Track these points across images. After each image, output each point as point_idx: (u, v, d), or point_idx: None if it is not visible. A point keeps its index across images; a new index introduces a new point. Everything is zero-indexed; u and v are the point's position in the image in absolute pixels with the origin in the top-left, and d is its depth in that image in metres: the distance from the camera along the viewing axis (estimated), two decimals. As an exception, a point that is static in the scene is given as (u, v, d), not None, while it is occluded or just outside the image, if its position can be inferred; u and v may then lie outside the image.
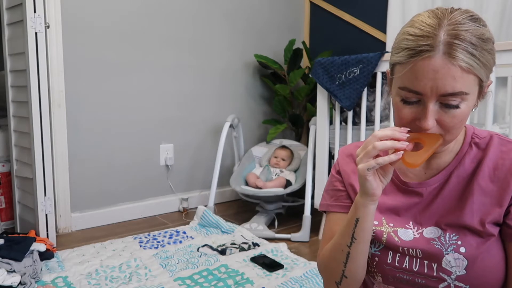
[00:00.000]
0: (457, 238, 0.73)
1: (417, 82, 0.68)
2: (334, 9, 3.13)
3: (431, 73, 0.66)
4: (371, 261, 0.82)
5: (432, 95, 0.67)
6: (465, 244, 0.72)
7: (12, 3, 2.06)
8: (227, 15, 2.95)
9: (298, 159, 2.75)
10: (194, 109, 2.86)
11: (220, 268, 1.82)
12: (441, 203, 0.77)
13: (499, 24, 2.24)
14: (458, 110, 0.68)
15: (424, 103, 0.69)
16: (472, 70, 0.66)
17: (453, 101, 0.67)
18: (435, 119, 0.69)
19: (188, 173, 2.88)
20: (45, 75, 2.02)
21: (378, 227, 0.81)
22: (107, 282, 1.69)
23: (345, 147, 0.94)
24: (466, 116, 0.70)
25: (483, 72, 0.68)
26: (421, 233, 0.77)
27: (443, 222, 0.76)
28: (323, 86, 2.18)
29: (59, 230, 2.35)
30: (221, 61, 2.95)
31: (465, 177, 0.77)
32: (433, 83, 0.66)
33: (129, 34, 2.52)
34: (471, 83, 0.67)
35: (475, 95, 0.70)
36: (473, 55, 0.65)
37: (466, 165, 0.77)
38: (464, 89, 0.66)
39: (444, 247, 0.73)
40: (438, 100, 0.68)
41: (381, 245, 0.81)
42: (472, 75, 0.67)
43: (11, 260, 1.68)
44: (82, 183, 2.43)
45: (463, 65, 0.65)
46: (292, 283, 1.66)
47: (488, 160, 0.75)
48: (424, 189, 0.79)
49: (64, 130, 2.32)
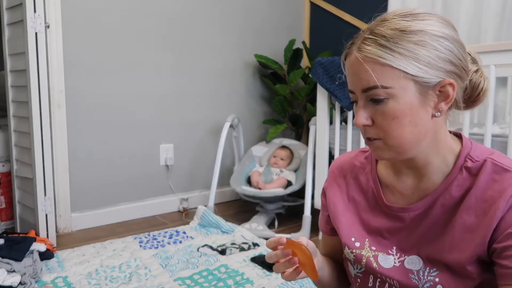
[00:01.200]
0: (437, 274, 0.69)
1: (348, 80, 0.70)
2: (334, 9, 3.13)
3: (350, 69, 0.69)
4: (354, 281, 0.82)
5: (358, 91, 0.68)
6: (443, 282, 0.68)
7: (12, 3, 2.06)
8: (227, 15, 2.95)
9: (298, 158, 2.75)
10: (194, 109, 2.86)
11: (220, 268, 1.82)
12: (424, 232, 0.72)
13: (499, 24, 2.24)
14: (386, 106, 0.65)
15: (357, 101, 0.70)
16: (385, 62, 0.63)
17: (376, 95, 0.65)
18: (370, 117, 0.68)
19: (188, 173, 2.88)
20: (45, 75, 2.02)
21: (358, 250, 0.78)
22: (107, 282, 1.69)
23: (336, 159, 0.91)
24: (401, 115, 0.65)
25: (407, 63, 0.63)
26: (402, 261, 0.73)
27: (425, 253, 0.71)
28: (323, 86, 2.18)
29: (59, 230, 2.35)
30: (221, 61, 2.95)
31: (450, 206, 0.70)
32: (353, 78, 0.68)
33: (129, 34, 2.52)
34: (391, 76, 0.64)
35: (410, 92, 0.64)
36: (384, 46, 0.64)
37: (453, 192, 0.69)
38: (382, 83, 0.64)
39: (420, 282, 0.70)
40: (366, 97, 0.67)
41: (362, 268, 0.79)
42: (389, 67, 0.63)
43: (11, 260, 1.68)
44: (82, 183, 2.43)
45: (371, 56, 0.64)
46: (292, 283, 1.66)
47: (477, 189, 0.67)
48: (406, 215, 0.74)
49: (64, 130, 2.33)
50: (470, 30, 2.34)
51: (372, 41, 0.65)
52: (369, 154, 0.84)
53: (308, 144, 2.47)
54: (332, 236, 0.91)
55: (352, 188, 0.84)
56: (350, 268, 0.83)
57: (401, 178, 0.76)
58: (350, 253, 0.80)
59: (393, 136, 0.66)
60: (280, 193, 2.40)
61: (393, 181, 0.78)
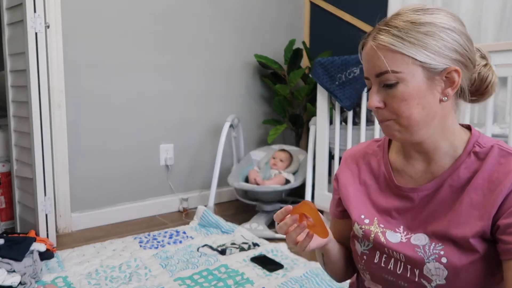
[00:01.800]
0: (442, 248, 0.73)
1: (364, 68, 0.78)
2: (334, 9, 3.13)
3: (366, 57, 0.76)
4: (360, 259, 0.85)
5: (372, 77, 0.75)
6: (448, 255, 0.72)
7: (12, 3, 2.06)
8: (227, 15, 2.95)
9: (297, 162, 2.75)
10: (194, 109, 2.86)
11: (220, 268, 1.82)
12: (431, 210, 0.77)
13: (499, 24, 2.24)
14: (396, 90, 0.72)
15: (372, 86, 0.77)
16: (396, 49, 0.70)
17: (388, 80, 0.72)
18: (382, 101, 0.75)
19: (188, 173, 2.88)
20: (45, 75, 2.02)
21: (368, 226, 0.83)
22: (107, 282, 1.69)
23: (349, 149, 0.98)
24: (410, 97, 0.72)
25: (415, 51, 0.70)
26: (408, 238, 0.77)
27: (431, 230, 0.75)
28: (323, 86, 2.18)
29: (59, 230, 2.35)
30: (221, 61, 2.95)
31: (458, 187, 0.75)
32: (368, 65, 0.75)
33: (129, 34, 2.52)
34: (401, 62, 0.71)
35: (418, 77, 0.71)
36: (396, 35, 0.71)
37: (461, 174, 0.75)
38: (393, 68, 0.71)
39: (426, 255, 0.74)
40: (379, 82, 0.74)
41: (370, 244, 0.83)
42: (399, 54, 0.70)
43: (11, 260, 1.68)
44: (82, 183, 2.43)
45: (384, 44, 0.71)
46: (292, 283, 1.66)
47: (484, 172, 0.72)
48: (416, 195, 0.79)
49: (64, 130, 2.33)
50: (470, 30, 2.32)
51: (386, 31, 0.72)
52: (381, 142, 0.91)
53: (308, 144, 2.47)
54: (341, 220, 0.95)
55: (364, 173, 0.89)
56: (357, 246, 0.85)
57: (411, 162, 0.82)
58: (359, 229, 0.84)
59: (404, 116, 0.73)
60: (279, 188, 2.38)
61: (403, 165, 0.83)
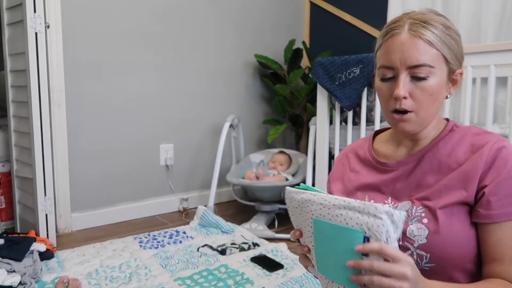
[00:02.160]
0: (423, 211, 0.80)
1: (388, 57, 0.79)
2: (334, 9, 3.13)
3: (399, 47, 0.78)
4: None
5: (402, 67, 0.77)
6: (428, 216, 0.78)
7: (12, 3, 2.06)
8: (227, 15, 2.95)
9: (297, 164, 2.75)
10: (194, 109, 2.86)
11: (220, 268, 1.82)
12: (414, 180, 0.84)
13: (499, 24, 2.24)
14: (427, 83, 0.77)
15: (397, 76, 0.79)
16: (433, 44, 0.76)
17: (421, 73, 0.76)
18: (407, 92, 0.78)
19: (188, 173, 2.88)
20: (45, 75, 2.02)
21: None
22: (107, 282, 1.69)
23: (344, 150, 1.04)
24: (436, 92, 0.78)
25: (446, 51, 0.77)
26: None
27: (414, 197, 0.82)
28: (323, 86, 2.18)
29: (59, 230, 2.35)
30: (221, 61, 2.95)
31: (438, 157, 0.82)
32: (401, 55, 0.77)
33: (129, 34, 2.52)
34: (435, 57, 0.77)
35: (443, 74, 0.79)
36: (433, 32, 0.76)
37: (440, 146, 0.83)
38: (429, 62, 0.76)
39: (409, 218, 0.80)
40: (409, 73, 0.78)
41: None
42: (435, 50, 0.76)
43: (11, 260, 1.68)
44: (82, 183, 2.43)
45: (424, 38, 0.76)
46: (292, 283, 1.67)
47: (463, 144, 0.81)
48: (400, 168, 0.87)
49: (64, 130, 2.33)
50: (470, 30, 2.33)
51: (424, 27, 0.77)
52: (367, 137, 0.99)
53: (308, 144, 2.47)
54: None
55: (353, 162, 0.98)
56: None
57: (399, 148, 0.90)
58: None
59: (424, 109, 0.79)
60: (280, 184, 2.37)
61: (390, 151, 0.91)
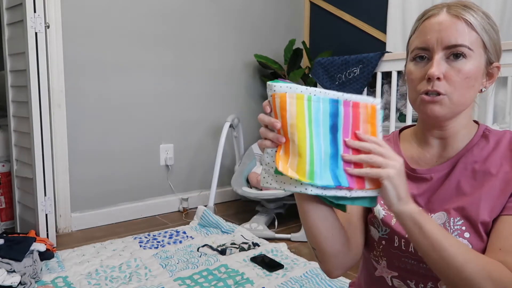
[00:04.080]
0: (462, 223, 0.73)
1: (424, 37, 0.75)
2: (334, 9, 3.13)
3: (436, 26, 0.74)
4: (377, 245, 0.83)
5: (438, 46, 0.73)
6: (470, 230, 0.72)
7: (12, 3, 2.06)
8: (227, 15, 2.95)
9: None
10: (194, 109, 2.86)
11: (220, 268, 1.82)
12: (449, 188, 0.77)
13: (499, 24, 2.24)
14: (464, 64, 0.72)
15: (432, 57, 0.74)
16: (473, 27, 0.72)
17: (458, 53, 0.72)
18: (442, 73, 0.73)
19: (188, 173, 2.88)
20: (45, 75, 2.02)
21: (388, 211, 0.82)
22: (107, 282, 1.69)
23: None
24: (472, 76, 0.73)
25: (486, 37, 0.73)
26: None
27: (450, 207, 0.76)
28: (323, 86, 2.18)
29: (59, 230, 2.35)
30: (221, 61, 2.95)
31: (473, 165, 0.76)
32: (438, 34, 0.73)
33: (129, 34, 2.52)
34: (474, 41, 0.72)
35: (481, 61, 0.74)
36: (474, 16, 0.73)
37: (475, 153, 0.77)
38: (467, 43, 0.72)
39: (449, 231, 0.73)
40: (445, 54, 0.73)
41: (387, 229, 0.81)
42: (475, 33, 0.72)
43: (11, 260, 1.68)
44: (82, 183, 2.43)
45: (465, 18, 0.72)
46: (292, 283, 1.67)
47: (499, 150, 0.75)
48: (432, 175, 0.80)
49: (64, 130, 2.32)
50: (470, 30, 2.33)
51: (465, 10, 0.73)
52: (391, 137, 0.91)
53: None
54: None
55: None
56: (374, 232, 0.84)
57: (426, 149, 0.83)
58: (382, 210, 0.82)
59: (459, 93, 0.73)
60: (281, 195, 2.40)
61: (418, 153, 0.84)
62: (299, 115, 0.62)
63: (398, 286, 0.82)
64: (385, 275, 0.83)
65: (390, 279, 0.83)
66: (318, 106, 0.64)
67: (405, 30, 2.63)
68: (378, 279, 0.85)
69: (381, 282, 0.84)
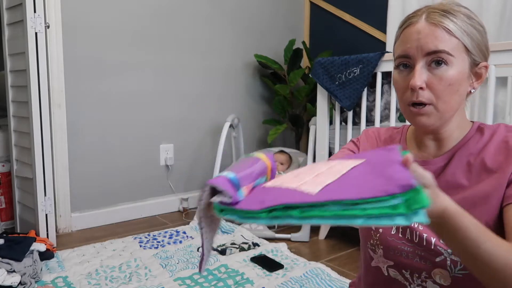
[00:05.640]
0: None
1: (405, 46, 0.75)
2: (334, 9, 3.13)
3: (415, 35, 0.74)
4: (374, 233, 0.84)
5: (418, 55, 0.73)
6: None
7: (12, 3, 2.06)
8: (227, 15, 2.95)
9: (297, 163, 2.76)
10: (194, 109, 2.86)
11: (220, 268, 1.82)
12: (444, 180, 0.78)
13: (499, 24, 2.24)
14: (445, 71, 0.72)
15: (414, 66, 0.74)
16: (452, 33, 0.72)
17: (438, 59, 0.72)
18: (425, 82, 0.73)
19: (188, 173, 2.88)
20: (45, 75, 2.02)
21: None
22: (107, 282, 1.69)
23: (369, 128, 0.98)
24: (455, 82, 0.73)
25: (468, 40, 0.73)
26: None
27: None
28: (323, 86, 2.18)
29: (59, 230, 2.35)
30: (221, 61, 2.95)
31: (468, 157, 0.77)
32: (418, 43, 0.73)
33: (129, 34, 2.52)
34: (455, 46, 0.72)
35: (464, 65, 0.73)
36: (453, 21, 0.72)
37: (471, 146, 0.78)
38: (447, 49, 0.71)
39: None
40: (426, 62, 0.73)
41: None
42: (455, 38, 0.72)
43: (11, 260, 1.68)
44: (82, 183, 2.43)
45: (442, 25, 0.72)
46: (292, 283, 1.66)
47: (494, 142, 0.76)
48: (428, 167, 0.80)
49: (64, 130, 2.33)
50: (470, 30, 2.33)
51: (443, 15, 0.73)
52: (400, 129, 0.92)
53: (308, 144, 2.47)
54: None
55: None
56: None
57: (423, 149, 0.83)
58: None
59: (444, 100, 0.73)
60: None
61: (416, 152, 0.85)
62: None
63: (394, 276, 0.83)
64: (381, 265, 0.85)
65: (386, 269, 0.84)
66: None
67: (405, 30, 2.63)
68: (374, 270, 0.86)
69: (377, 273, 0.86)
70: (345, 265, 1.92)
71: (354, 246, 2.15)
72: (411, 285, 0.80)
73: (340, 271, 1.84)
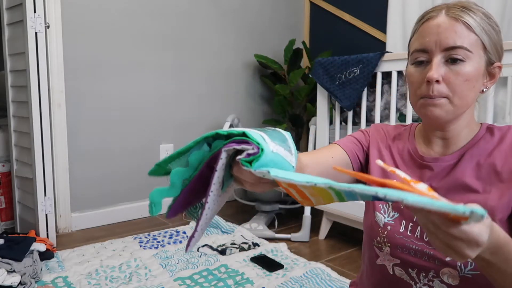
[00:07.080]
0: None
1: (423, 40, 0.75)
2: (334, 9, 3.13)
3: (435, 29, 0.74)
4: (382, 231, 0.83)
5: (437, 49, 0.73)
6: None
7: (12, 3, 2.06)
8: (227, 15, 2.95)
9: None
10: (194, 109, 2.86)
11: (220, 268, 1.82)
12: (453, 179, 0.78)
13: (499, 24, 2.24)
14: (463, 67, 0.72)
15: (431, 60, 0.74)
16: (472, 28, 0.72)
17: (457, 55, 0.72)
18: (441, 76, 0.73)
19: (188, 173, 2.88)
20: (45, 75, 2.02)
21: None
22: (107, 282, 1.69)
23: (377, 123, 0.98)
24: (472, 78, 0.73)
25: (486, 38, 0.73)
26: None
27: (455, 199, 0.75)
28: (323, 86, 2.18)
29: (59, 230, 2.35)
30: (221, 61, 2.95)
31: (478, 157, 0.77)
32: (437, 37, 0.73)
33: (129, 34, 2.52)
34: (473, 42, 0.72)
35: (481, 62, 0.73)
36: (473, 18, 0.73)
37: (481, 146, 0.78)
38: (466, 45, 0.72)
39: None
40: (444, 57, 0.73)
41: (395, 214, 0.82)
42: (474, 35, 0.72)
43: (11, 260, 1.68)
44: (82, 183, 2.43)
45: (463, 20, 0.72)
46: (292, 283, 1.67)
47: (504, 145, 0.76)
48: (437, 165, 0.80)
49: (64, 130, 2.32)
50: (470, 30, 2.33)
51: (464, 11, 0.73)
52: (408, 127, 0.92)
53: (308, 144, 2.47)
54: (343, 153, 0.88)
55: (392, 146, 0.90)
56: (379, 217, 0.84)
57: (430, 147, 0.84)
58: None
59: (460, 96, 0.73)
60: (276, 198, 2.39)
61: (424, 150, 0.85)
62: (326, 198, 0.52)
63: (399, 275, 0.82)
64: (387, 263, 0.84)
65: (391, 267, 0.83)
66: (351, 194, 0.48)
67: (405, 30, 2.63)
68: (379, 268, 0.85)
69: (382, 271, 0.85)
70: (345, 265, 1.92)
71: (354, 246, 2.15)
72: (416, 285, 0.80)
73: (340, 271, 1.84)
